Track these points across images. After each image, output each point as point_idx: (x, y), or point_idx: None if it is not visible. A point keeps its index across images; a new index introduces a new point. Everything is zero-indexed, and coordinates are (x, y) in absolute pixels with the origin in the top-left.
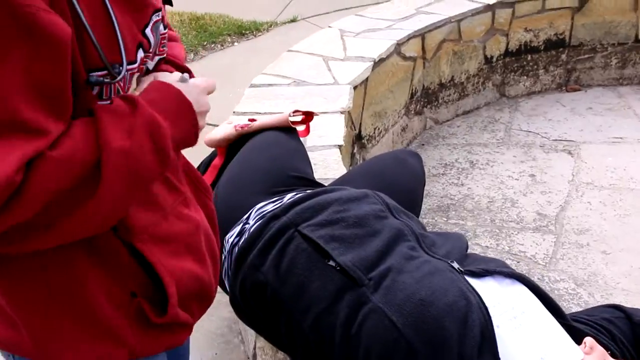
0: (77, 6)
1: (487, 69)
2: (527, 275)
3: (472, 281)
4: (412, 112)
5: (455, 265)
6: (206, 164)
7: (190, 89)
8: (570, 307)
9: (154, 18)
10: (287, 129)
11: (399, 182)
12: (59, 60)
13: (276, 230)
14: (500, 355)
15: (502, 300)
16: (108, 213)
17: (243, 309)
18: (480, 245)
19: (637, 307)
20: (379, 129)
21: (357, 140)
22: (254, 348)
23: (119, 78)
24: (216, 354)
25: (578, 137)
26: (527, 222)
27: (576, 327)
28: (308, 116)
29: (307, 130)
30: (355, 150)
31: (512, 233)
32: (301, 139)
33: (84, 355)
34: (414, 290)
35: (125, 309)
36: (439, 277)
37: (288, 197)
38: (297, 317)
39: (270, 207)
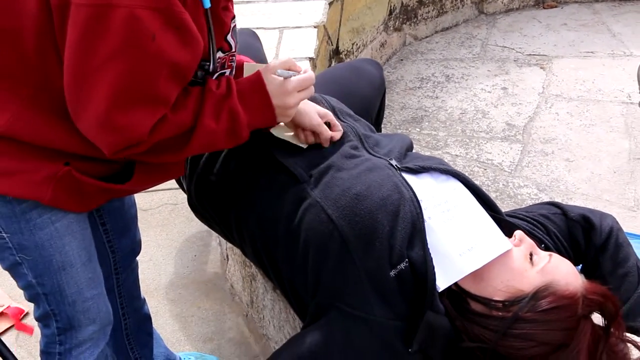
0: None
1: None
2: (492, 179)
3: (408, 177)
4: (391, 28)
5: (394, 162)
6: None
7: (279, 88)
8: None
9: (232, 24)
10: None
11: (353, 89)
12: (196, 51)
13: None
14: (431, 245)
15: (435, 195)
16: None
17: (198, 208)
18: (450, 154)
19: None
20: (357, 44)
21: (334, 55)
22: (226, 249)
23: (210, 70)
24: (195, 255)
25: (551, 51)
26: (496, 132)
27: (509, 221)
28: None
29: None
30: (332, 64)
31: (481, 142)
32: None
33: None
34: (350, 185)
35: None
36: (376, 173)
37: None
38: (245, 213)
39: None
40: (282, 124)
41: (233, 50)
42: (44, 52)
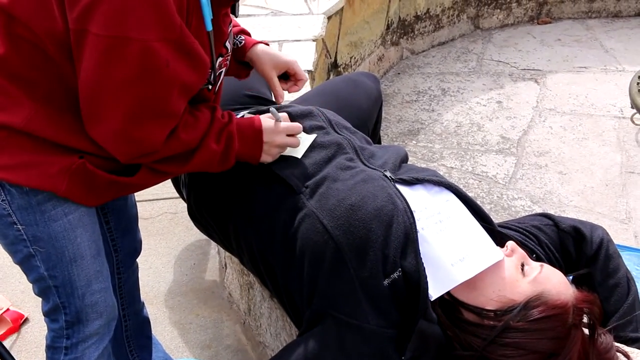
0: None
1: (461, 2)
2: (487, 191)
3: (402, 188)
4: (389, 42)
5: (388, 174)
6: None
7: (271, 127)
8: None
9: (229, 29)
10: None
11: (351, 102)
12: (204, 72)
13: None
14: (424, 255)
15: (428, 206)
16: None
17: (198, 217)
18: (446, 166)
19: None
20: (355, 57)
21: (332, 68)
22: (225, 257)
23: (212, 79)
24: (194, 264)
25: (545, 66)
26: (491, 145)
27: (502, 232)
28: None
29: None
30: (331, 77)
31: (476, 155)
32: None
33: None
34: (345, 196)
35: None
36: (370, 184)
37: (240, 115)
38: (242, 223)
39: None
40: None
41: (229, 52)
42: (60, 59)
